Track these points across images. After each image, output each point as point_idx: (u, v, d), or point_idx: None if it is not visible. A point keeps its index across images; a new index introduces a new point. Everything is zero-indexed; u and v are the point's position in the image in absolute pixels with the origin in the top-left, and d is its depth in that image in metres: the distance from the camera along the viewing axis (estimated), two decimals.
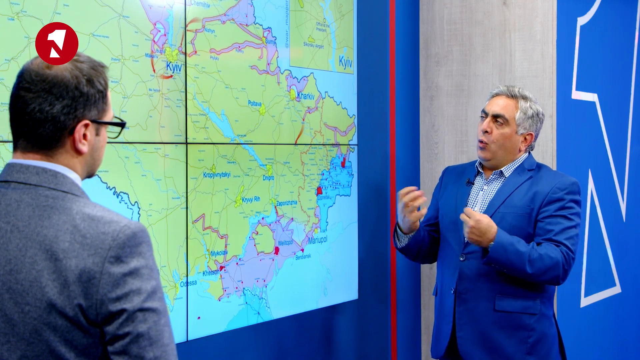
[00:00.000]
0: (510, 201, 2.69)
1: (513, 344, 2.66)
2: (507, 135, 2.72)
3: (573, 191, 2.68)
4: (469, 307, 2.70)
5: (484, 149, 2.73)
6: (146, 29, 2.39)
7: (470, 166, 2.89)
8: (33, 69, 1.39)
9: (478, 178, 2.82)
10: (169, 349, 1.35)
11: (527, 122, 2.73)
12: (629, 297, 4.33)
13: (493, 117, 2.72)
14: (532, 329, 2.67)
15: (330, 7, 3.13)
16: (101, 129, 1.45)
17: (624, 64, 4.28)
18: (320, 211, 3.09)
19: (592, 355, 3.87)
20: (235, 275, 2.70)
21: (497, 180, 2.77)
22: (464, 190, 2.80)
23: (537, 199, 2.66)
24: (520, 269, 2.57)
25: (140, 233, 1.37)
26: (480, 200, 2.75)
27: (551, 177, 2.71)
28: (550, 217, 2.64)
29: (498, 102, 2.74)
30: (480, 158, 2.77)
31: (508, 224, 2.66)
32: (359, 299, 3.33)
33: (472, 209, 2.69)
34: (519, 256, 2.55)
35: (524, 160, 2.76)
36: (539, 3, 3.37)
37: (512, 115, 2.71)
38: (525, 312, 2.66)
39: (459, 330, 2.72)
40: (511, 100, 2.73)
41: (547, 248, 2.58)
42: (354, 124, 3.27)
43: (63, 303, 1.31)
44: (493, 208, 2.70)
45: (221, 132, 2.66)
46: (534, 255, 2.56)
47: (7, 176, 1.40)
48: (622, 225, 4.25)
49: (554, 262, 2.57)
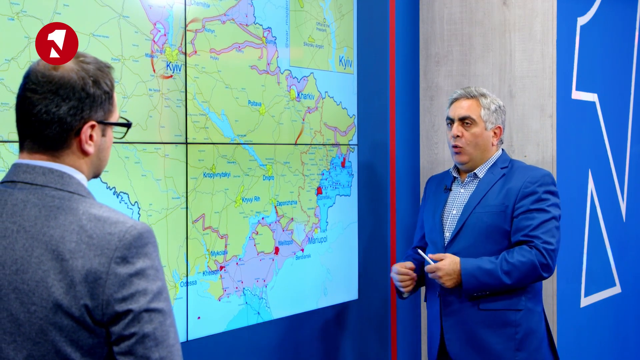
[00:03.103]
0: (485, 201, 2.73)
1: (501, 342, 2.68)
2: (478, 134, 2.77)
3: (545, 182, 2.72)
4: (454, 309, 2.73)
5: (460, 153, 2.78)
6: (146, 29, 2.39)
7: (447, 172, 2.94)
8: (39, 70, 1.39)
9: (454, 183, 2.86)
10: (174, 349, 1.35)
11: (493, 117, 2.79)
12: (629, 297, 4.33)
13: (460, 120, 2.78)
14: (518, 325, 2.69)
15: (330, 7, 3.13)
16: (107, 129, 1.45)
17: (624, 64, 4.28)
18: (320, 211, 3.09)
19: (592, 355, 3.87)
20: (235, 275, 2.70)
21: (472, 182, 2.81)
22: (442, 197, 2.85)
23: (510, 196, 2.70)
24: (499, 285, 2.62)
25: (147, 234, 1.37)
26: (458, 205, 2.79)
27: (522, 172, 2.75)
28: (525, 213, 2.67)
29: (461, 105, 2.80)
30: (458, 163, 2.81)
31: (485, 224, 2.70)
32: (359, 299, 3.33)
33: (449, 215, 2.78)
34: (490, 275, 2.60)
35: (497, 159, 2.81)
36: (539, 3, 3.37)
37: (478, 113, 2.77)
38: (510, 309, 2.69)
39: (447, 332, 2.74)
40: (472, 100, 2.79)
41: (518, 253, 2.62)
42: (354, 124, 3.27)
43: (69, 303, 1.31)
44: (469, 210, 2.74)
45: (221, 132, 2.66)
46: (505, 267, 2.60)
47: (14, 176, 1.40)
48: (622, 225, 4.25)
49: (528, 265, 2.60)
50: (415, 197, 3.69)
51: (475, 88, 2.83)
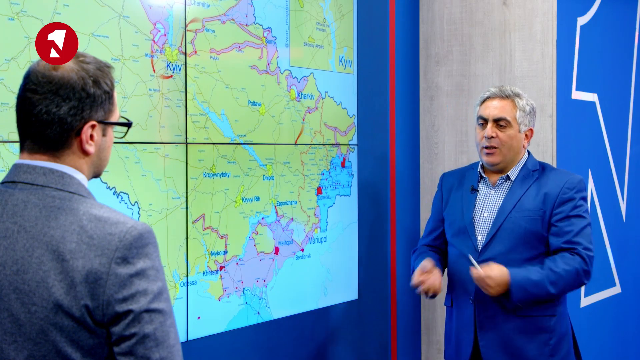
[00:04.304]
0: (520, 205, 2.66)
1: (535, 348, 2.65)
2: (513, 136, 2.69)
3: (581, 189, 2.68)
4: (490, 315, 2.67)
5: (493, 154, 2.69)
6: (146, 29, 2.39)
7: (469, 170, 2.85)
8: (39, 70, 1.39)
9: (481, 184, 2.78)
10: (174, 349, 1.35)
11: (527, 119, 2.71)
12: (629, 297, 4.33)
13: (494, 121, 2.69)
14: (553, 331, 2.66)
15: (330, 7, 3.13)
16: (108, 129, 1.45)
17: (624, 64, 4.28)
18: (320, 211, 3.09)
19: (592, 355, 3.87)
20: (235, 275, 2.70)
21: (503, 184, 2.73)
22: (469, 197, 2.76)
23: (548, 201, 2.65)
24: (545, 295, 2.58)
25: (147, 234, 1.37)
26: (489, 207, 2.72)
27: (558, 177, 2.69)
28: (565, 219, 2.63)
29: (494, 105, 2.70)
30: (488, 163, 2.72)
31: (522, 229, 2.64)
32: (359, 299, 3.33)
33: (479, 217, 2.70)
34: (537, 286, 2.55)
35: (526, 161, 2.74)
36: (539, 3, 3.37)
37: (513, 115, 2.68)
38: (546, 315, 2.65)
39: (481, 338, 2.69)
40: (507, 101, 2.70)
41: (562, 261, 2.58)
42: (354, 124, 3.27)
43: (69, 303, 1.31)
44: (504, 214, 2.67)
45: (221, 132, 2.65)
46: (552, 278, 2.55)
47: (14, 177, 1.40)
48: (622, 225, 4.24)
49: (573, 274, 2.57)
50: (415, 197, 3.69)
51: (511, 87, 2.74)
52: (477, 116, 2.75)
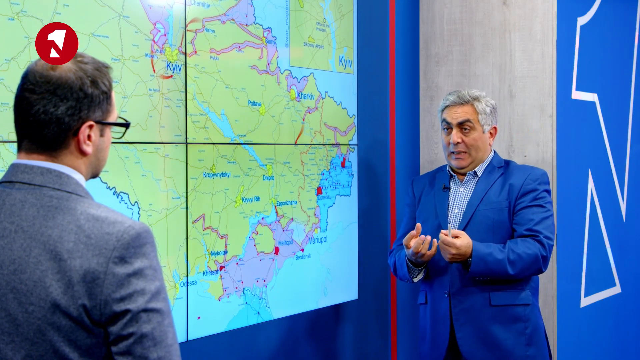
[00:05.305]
0: (487, 198, 2.80)
1: (512, 337, 2.74)
2: (478, 138, 2.82)
3: (544, 182, 2.82)
4: (465, 307, 2.76)
5: (462, 158, 2.83)
6: (146, 29, 2.39)
7: (439, 172, 2.97)
8: (37, 70, 1.39)
9: (452, 182, 2.90)
10: (172, 349, 1.35)
11: (489, 119, 2.85)
12: (629, 297, 4.33)
13: (458, 125, 2.81)
14: (528, 320, 2.76)
15: (330, 7, 3.13)
16: (105, 129, 1.45)
17: (624, 64, 4.28)
18: (320, 211, 3.09)
19: (592, 355, 3.87)
20: (235, 275, 2.70)
21: (471, 181, 2.87)
22: (442, 195, 2.88)
23: (512, 192, 2.79)
24: (503, 274, 2.68)
25: (145, 234, 1.37)
26: (459, 203, 2.84)
27: (522, 171, 2.85)
28: (527, 208, 2.76)
29: (456, 111, 2.82)
30: (458, 167, 2.85)
31: (490, 220, 2.77)
32: (359, 299, 3.33)
33: (451, 213, 2.82)
34: (497, 263, 2.66)
35: (492, 159, 2.87)
36: (539, 3, 3.37)
37: (475, 118, 2.81)
38: (520, 304, 2.75)
39: (458, 331, 2.77)
40: (466, 107, 2.82)
41: (523, 245, 2.69)
42: (354, 124, 3.27)
43: (67, 303, 1.31)
44: (472, 207, 2.80)
45: (221, 132, 2.66)
46: (512, 257, 2.67)
47: (12, 176, 1.40)
48: (622, 225, 4.24)
49: (532, 257, 2.68)
50: None
51: (468, 92, 2.85)
52: (441, 119, 2.88)
